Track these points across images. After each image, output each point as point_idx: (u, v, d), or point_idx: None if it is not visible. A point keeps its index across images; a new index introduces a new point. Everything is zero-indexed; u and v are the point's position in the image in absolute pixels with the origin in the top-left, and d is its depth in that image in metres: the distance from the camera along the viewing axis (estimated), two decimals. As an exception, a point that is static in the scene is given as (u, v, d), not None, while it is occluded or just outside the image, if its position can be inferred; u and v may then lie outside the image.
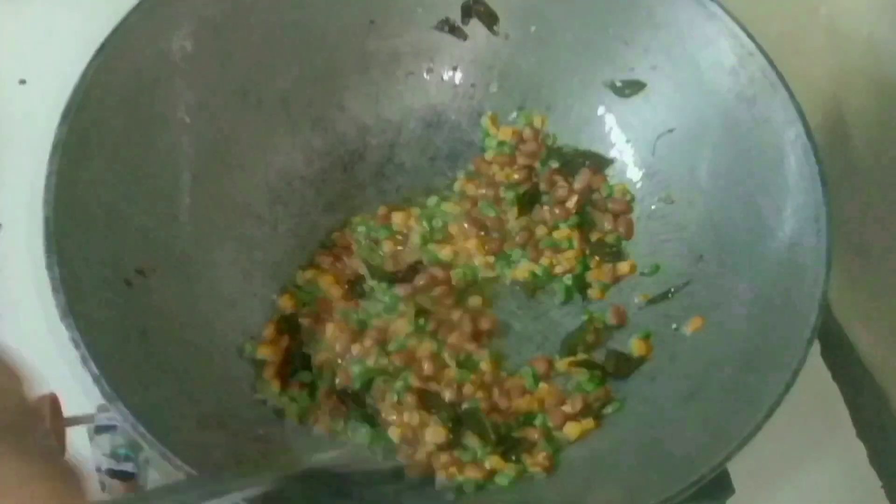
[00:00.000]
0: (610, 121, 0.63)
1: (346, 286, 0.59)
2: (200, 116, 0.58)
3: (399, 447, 0.53)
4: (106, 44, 0.53)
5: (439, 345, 0.56)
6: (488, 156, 0.63)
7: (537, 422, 0.54)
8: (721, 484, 0.52)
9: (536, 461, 0.52)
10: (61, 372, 0.52)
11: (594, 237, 0.61)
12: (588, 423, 0.54)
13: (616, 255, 0.60)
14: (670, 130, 0.60)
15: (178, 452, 0.44)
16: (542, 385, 0.55)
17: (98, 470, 0.52)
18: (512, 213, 0.61)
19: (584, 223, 0.61)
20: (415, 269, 0.59)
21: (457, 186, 0.63)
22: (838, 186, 0.52)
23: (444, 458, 0.52)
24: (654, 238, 0.60)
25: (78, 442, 0.50)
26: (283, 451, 0.52)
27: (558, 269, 0.59)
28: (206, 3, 0.57)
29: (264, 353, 0.56)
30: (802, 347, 0.47)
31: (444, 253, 0.60)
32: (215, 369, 0.54)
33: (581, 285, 0.59)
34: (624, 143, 0.62)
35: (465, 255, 0.60)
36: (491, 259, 0.60)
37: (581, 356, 0.56)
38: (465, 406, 0.54)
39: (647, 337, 0.56)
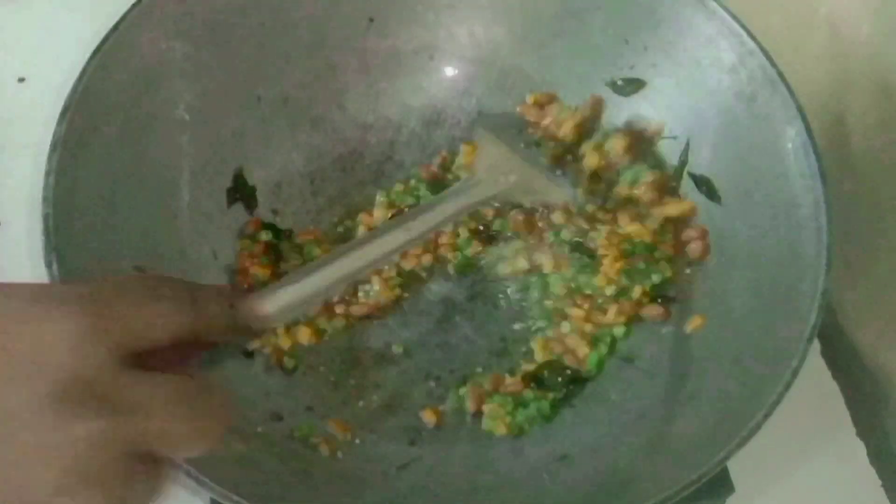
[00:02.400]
0: (610, 119, 0.62)
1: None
2: (200, 115, 0.58)
3: None
4: (105, 42, 0.53)
5: None
6: None
7: None
8: (721, 482, 0.52)
9: None
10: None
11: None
12: None
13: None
14: (674, 137, 0.60)
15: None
16: None
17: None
18: None
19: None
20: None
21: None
22: (838, 186, 0.52)
23: None
24: (654, 236, 0.60)
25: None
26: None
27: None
28: (206, 1, 0.57)
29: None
30: (802, 346, 0.47)
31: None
32: (213, 368, 0.54)
33: None
34: (623, 141, 0.62)
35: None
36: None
37: None
38: None
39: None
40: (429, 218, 0.50)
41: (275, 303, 0.43)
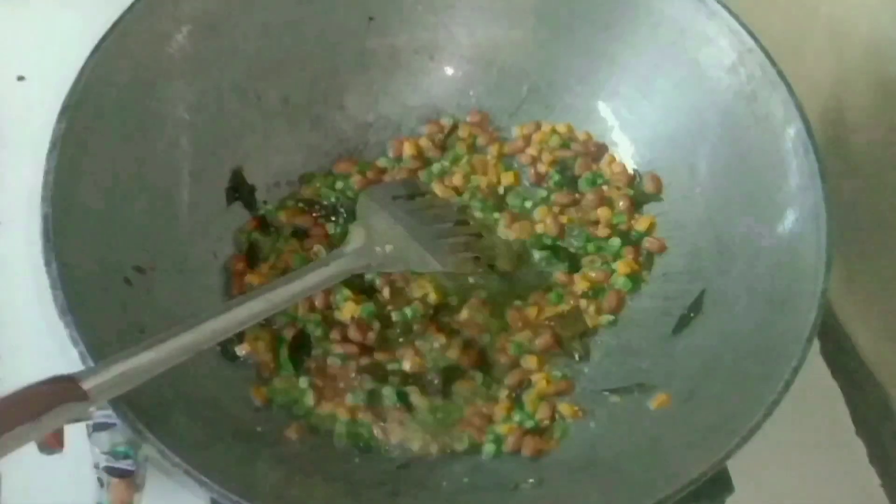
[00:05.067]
0: (610, 119, 0.63)
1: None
2: (199, 114, 0.58)
3: None
4: (104, 40, 0.53)
5: None
6: None
7: None
8: (721, 482, 0.52)
9: None
10: (60, 369, 0.52)
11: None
12: None
13: None
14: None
15: (176, 450, 0.44)
16: None
17: (96, 467, 0.52)
18: None
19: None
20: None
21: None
22: (838, 185, 0.52)
23: None
24: (653, 236, 0.60)
25: (76, 439, 0.50)
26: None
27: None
28: (206, 1, 0.57)
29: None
30: (802, 346, 0.47)
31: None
32: (213, 368, 0.54)
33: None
34: (624, 141, 0.62)
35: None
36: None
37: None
38: None
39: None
40: (291, 288, 0.48)
41: (100, 381, 0.41)
